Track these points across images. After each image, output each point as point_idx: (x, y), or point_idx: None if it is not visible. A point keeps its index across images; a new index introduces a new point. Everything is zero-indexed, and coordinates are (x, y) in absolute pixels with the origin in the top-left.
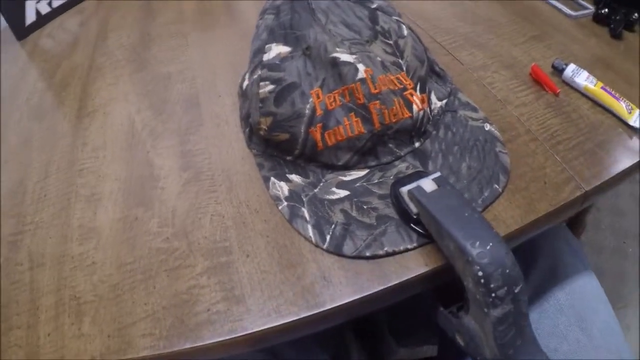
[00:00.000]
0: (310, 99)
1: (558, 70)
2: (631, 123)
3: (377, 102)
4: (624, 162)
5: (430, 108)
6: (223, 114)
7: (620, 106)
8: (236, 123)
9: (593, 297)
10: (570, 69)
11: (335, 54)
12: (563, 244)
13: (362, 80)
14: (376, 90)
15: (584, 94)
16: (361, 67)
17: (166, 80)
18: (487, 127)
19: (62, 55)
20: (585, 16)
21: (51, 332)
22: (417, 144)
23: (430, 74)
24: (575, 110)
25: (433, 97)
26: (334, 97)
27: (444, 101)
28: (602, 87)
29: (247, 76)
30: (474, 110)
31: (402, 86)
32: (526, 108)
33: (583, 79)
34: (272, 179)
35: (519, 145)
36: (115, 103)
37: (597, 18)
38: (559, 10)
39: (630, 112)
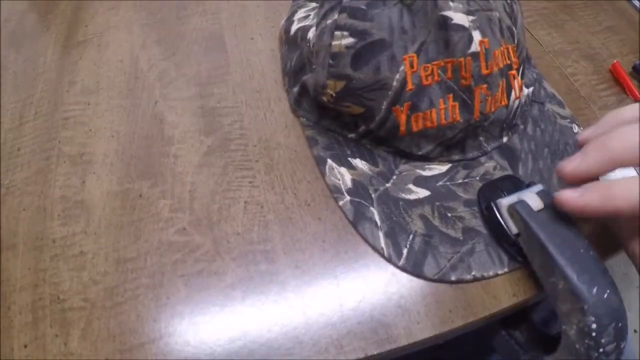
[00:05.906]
0: (402, 67)
1: (638, 73)
2: None
3: (485, 85)
4: None
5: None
6: (258, 63)
7: None
8: (276, 78)
9: None
10: None
11: (447, 12)
12: None
13: (474, 55)
14: (487, 71)
15: None
16: (477, 35)
17: (181, 10)
18: (576, 129)
19: None
20: None
21: (28, 344)
22: (505, 139)
23: None
24: None
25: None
26: (432, 70)
27: (530, 89)
28: None
29: (298, 18)
30: (561, 105)
31: (509, 62)
32: (608, 111)
33: None
34: (330, 161)
35: None
36: (114, 33)
37: None
38: (631, 1)
39: None
